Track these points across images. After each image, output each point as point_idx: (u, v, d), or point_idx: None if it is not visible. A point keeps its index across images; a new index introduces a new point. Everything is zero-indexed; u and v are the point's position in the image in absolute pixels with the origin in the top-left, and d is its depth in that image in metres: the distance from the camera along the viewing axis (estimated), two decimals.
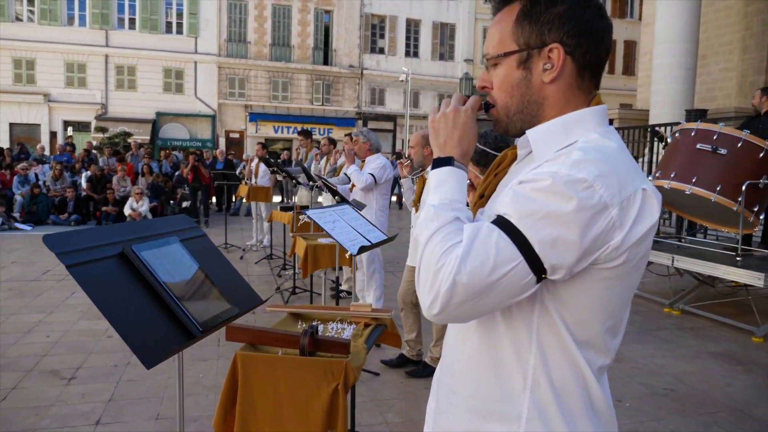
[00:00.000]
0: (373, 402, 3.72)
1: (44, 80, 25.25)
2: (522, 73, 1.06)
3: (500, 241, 0.91)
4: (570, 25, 1.02)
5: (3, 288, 6.49)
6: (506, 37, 1.06)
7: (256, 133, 27.18)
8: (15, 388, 3.75)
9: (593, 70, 1.06)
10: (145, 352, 1.18)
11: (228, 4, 26.77)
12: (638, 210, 0.95)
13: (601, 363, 1.04)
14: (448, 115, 1.09)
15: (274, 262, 8.38)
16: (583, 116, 1.05)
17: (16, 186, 12.83)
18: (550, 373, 1.01)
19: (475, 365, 1.07)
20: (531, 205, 0.92)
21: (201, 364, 4.25)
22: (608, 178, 0.92)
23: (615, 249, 0.94)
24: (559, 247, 0.91)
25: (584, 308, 0.99)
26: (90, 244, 1.23)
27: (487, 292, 0.91)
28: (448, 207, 0.99)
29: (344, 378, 1.75)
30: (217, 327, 1.43)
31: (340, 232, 2.91)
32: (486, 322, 1.05)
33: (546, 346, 1.01)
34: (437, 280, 0.92)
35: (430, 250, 0.94)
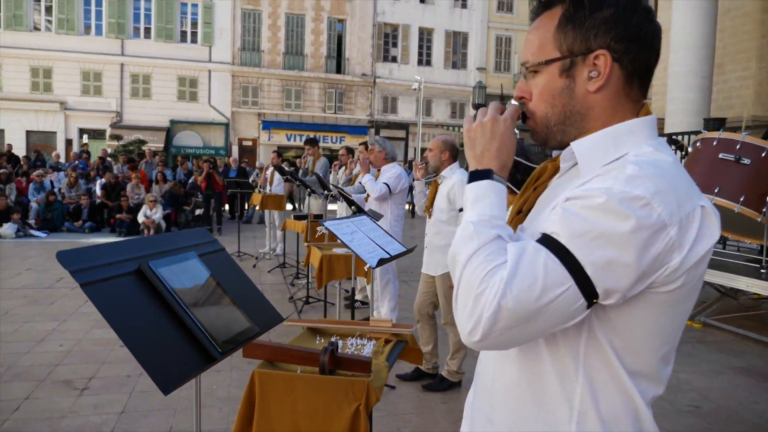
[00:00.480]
0: (390, 416, 3.64)
1: (61, 88, 25.53)
2: (565, 82, 0.99)
3: (549, 263, 0.84)
4: (618, 29, 0.95)
5: (18, 295, 6.49)
6: (547, 44, 0.99)
7: (269, 141, 27.27)
8: (28, 399, 3.72)
9: (642, 78, 0.99)
10: (162, 378, 1.12)
11: (242, 13, 26.97)
12: (698, 229, 0.87)
13: (653, 393, 0.96)
14: (485, 125, 1.02)
15: (287, 270, 8.34)
16: (632, 127, 0.98)
17: (31, 193, 12.92)
18: (598, 405, 0.93)
19: (515, 394, 1.00)
20: (583, 224, 0.85)
21: (214, 375, 4.19)
22: (666, 195, 0.85)
23: (673, 271, 0.86)
24: (613, 269, 0.83)
25: (637, 335, 0.92)
26: (105, 261, 1.17)
27: (534, 317, 0.84)
28: (488, 224, 0.92)
29: (366, 398, 1.68)
30: (237, 347, 1.37)
31: (358, 244, 2.85)
32: (527, 348, 0.98)
33: (594, 374, 0.93)
34: (479, 304, 0.84)
35: (471, 271, 0.87)
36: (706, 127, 8.24)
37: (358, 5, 28.37)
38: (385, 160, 5.37)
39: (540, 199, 1.08)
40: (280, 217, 9.36)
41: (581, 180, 0.95)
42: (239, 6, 26.89)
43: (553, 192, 1.05)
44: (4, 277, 7.53)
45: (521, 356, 0.99)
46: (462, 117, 29.78)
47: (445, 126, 29.35)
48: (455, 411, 3.77)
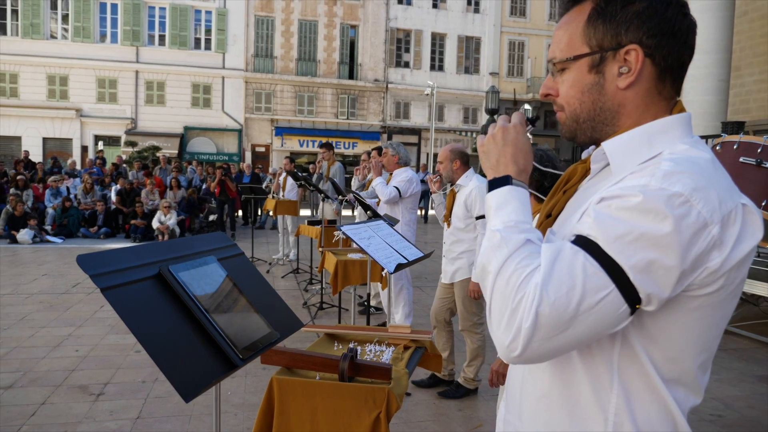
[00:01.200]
0: (405, 423, 3.59)
1: (77, 96, 25.83)
2: (594, 78, 0.95)
3: (588, 266, 0.80)
4: (650, 24, 0.91)
5: (34, 301, 6.53)
6: (576, 39, 0.96)
7: (282, 146, 27.38)
8: (44, 404, 3.72)
9: (675, 75, 0.95)
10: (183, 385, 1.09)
11: (255, 19, 27.14)
12: (740, 228, 0.83)
13: (692, 403, 0.92)
14: (496, 135, 1.00)
15: (300, 276, 8.32)
16: (666, 125, 0.93)
17: (48, 199, 13.06)
18: (634, 416, 0.89)
19: (547, 405, 0.96)
20: (620, 225, 0.80)
21: (229, 381, 4.17)
22: (706, 192, 0.81)
23: (713, 273, 0.82)
24: (655, 272, 0.79)
25: (674, 342, 0.87)
26: (125, 265, 1.15)
27: (575, 325, 0.80)
28: (515, 229, 0.88)
29: (387, 406, 1.64)
30: (258, 354, 1.34)
31: (375, 248, 2.81)
32: (560, 357, 0.93)
33: (629, 384, 0.89)
34: (517, 314, 0.80)
35: (504, 281, 0.83)
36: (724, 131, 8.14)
37: (371, 11, 28.46)
38: (398, 164, 5.34)
39: (570, 202, 1.04)
40: (293, 222, 9.37)
41: (614, 180, 0.91)
42: (252, 13, 27.08)
43: (584, 194, 1.01)
44: (20, 282, 7.59)
45: (552, 366, 0.95)
46: (475, 122, 29.74)
47: (458, 131, 29.31)
48: (471, 418, 3.72)
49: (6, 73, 25.21)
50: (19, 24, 25.24)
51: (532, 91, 30.29)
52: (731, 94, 12.82)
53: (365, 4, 28.40)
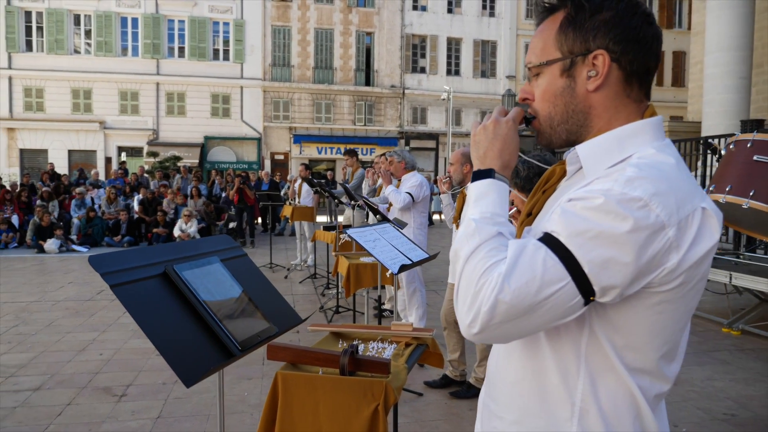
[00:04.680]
0: (417, 423, 3.67)
1: (100, 108, 26.43)
2: (565, 82, 1.02)
3: (548, 260, 0.87)
4: (616, 31, 0.98)
5: (61, 307, 6.75)
6: (549, 45, 1.03)
7: (300, 154, 27.65)
8: (70, 404, 3.87)
9: (641, 79, 1.01)
10: (185, 371, 1.20)
11: (272, 29, 27.51)
12: (697, 230, 0.89)
13: (657, 391, 0.98)
14: (488, 127, 1.06)
15: (318, 281, 8.44)
16: (636, 129, 1.00)
17: (73, 209, 13.41)
18: (599, 402, 0.96)
19: (519, 391, 1.03)
20: (582, 223, 0.87)
21: (246, 382, 4.30)
22: (665, 197, 0.87)
23: (671, 272, 0.89)
24: (611, 268, 0.86)
25: (636, 334, 0.94)
26: (134, 265, 1.27)
27: (531, 312, 0.87)
28: (489, 221, 0.96)
29: (384, 398, 1.73)
30: (257, 346, 1.44)
31: (380, 250, 2.90)
32: (531, 346, 1.01)
33: (595, 372, 0.96)
34: (478, 298, 0.88)
35: (472, 267, 0.91)
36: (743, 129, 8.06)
37: (386, 18, 28.66)
38: (405, 170, 5.43)
39: (548, 201, 1.11)
40: (309, 228, 9.50)
41: (586, 181, 0.98)
42: (269, 23, 27.45)
43: (560, 194, 1.07)
44: (48, 290, 7.83)
45: (524, 353, 1.02)
46: None
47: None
48: None
49: (32, 88, 25.91)
50: (44, 40, 25.95)
51: None
52: (754, 91, 12.62)
53: (380, 12, 28.61)
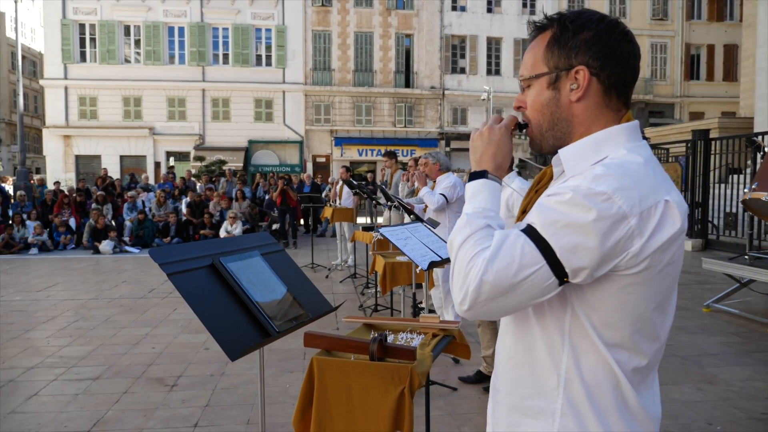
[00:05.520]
0: (451, 416, 3.80)
1: (149, 115, 27.47)
2: (551, 93, 1.16)
3: (525, 246, 1.01)
4: (595, 49, 1.11)
5: (116, 305, 7.15)
6: (538, 61, 1.17)
7: (341, 156, 28.03)
8: (126, 393, 4.17)
9: (619, 91, 1.14)
10: (229, 347, 1.39)
11: (313, 34, 28.01)
12: (659, 220, 1.01)
13: (635, 365, 1.09)
14: (483, 133, 1.22)
15: (357, 280, 8.64)
16: (611, 134, 1.13)
17: (125, 212, 14.04)
18: (581, 373, 1.08)
19: (513, 365, 1.17)
20: (554, 215, 1.01)
21: (288, 375, 4.51)
22: (628, 191, 1.00)
23: (635, 256, 1.01)
24: (579, 252, 1.00)
25: (609, 312, 1.06)
26: (186, 257, 1.46)
27: (512, 291, 1.02)
28: (480, 215, 1.11)
29: (410, 382, 1.88)
30: (292, 329, 1.63)
31: (411, 248, 3.06)
32: (522, 326, 1.15)
33: (577, 347, 1.09)
34: (467, 279, 1.03)
35: (463, 254, 1.07)
36: None
37: (425, 19, 28.77)
38: (440, 171, 5.56)
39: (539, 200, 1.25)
40: (349, 229, 9.72)
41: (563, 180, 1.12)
42: (310, 28, 27.96)
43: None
44: (103, 288, 8.28)
45: (516, 332, 1.17)
46: None
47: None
48: None
49: (86, 96, 27.13)
50: (96, 51, 27.14)
51: None
52: None
53: (419, 13, 28.74)
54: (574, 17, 1.14)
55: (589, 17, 1.13)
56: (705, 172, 12.20)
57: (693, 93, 30.88)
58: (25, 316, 6.63)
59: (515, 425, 1.16)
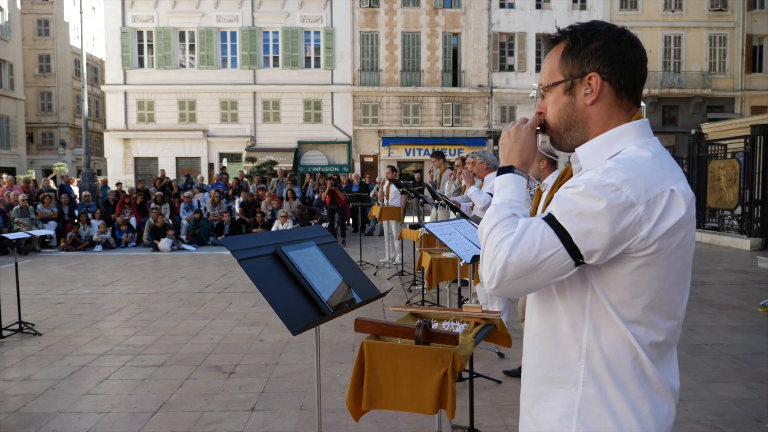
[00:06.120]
0: (495, 406, 3.91)
1: (203, 118, 28.41)
2: (568, 98, 1.29)
3: (545, 232, 1.16)
4: (605, 57, 1.24)
5: (175, 299, 7.55)
6: (554, 70, 1.31)
7: (389, 156, 28.25)
8: (188, 379, 4.46)
9: (629, 92, 1.27)
10: (291, 323, 1.57)
11: (360, 36, 28.34)
12: (665, 207, 1.14)
13: (652, 339, 1.21)
14: (510, 132, 1.37)
15: (405, 278, 8.80)
16: (622, 131, 1.26)
17: (182, 212, 14.64)
18: (601, 345, 1.21)
19: (539, 340, 1.31)
20: (569, 204, 1.15)
21: (338, 366, 4.72)
22: (635, 182, 1.13)
23: (644, 240, 1.13)
24: (591, 237, 1.13)
25: (625, 290, 1.19)
26: (253, 245, 1.66)
27: (534, 271, 1.16)
28: (507, 205, 1.26)
29: (452, 364, 2.03)
30: (344, 311, 1.80)
31: (455, 242, 3.19)
32: (547, 306, 1.29)
33: (597, 323, 1.21)
34: (494, 261, 1.18)
35: (491, 239, 1.21)
36: None
37: (473, 17, 28.67)
38: (488, 170, 5.64)
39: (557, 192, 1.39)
40: (396, 227, 9.89)
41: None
42: (357, 29, 28.30)
43: None
44: (163, 283, 8.73)
45: (541, 311, 1.31)
46: None
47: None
48: None
49: (144, 101, 28.30)
50: (154, 57, 28.26)
51: (647, 87, 28.86)
52: None
53: (467, 12, 28.66)
54: (584, 29, 1.27)
55: (597, 29, 1.27)
56: (765, 169, 11.79)
57: (755, 86, 29.62)
58: (93, 308, 7.09)
59: (542, 394, 1.29)
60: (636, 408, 1.21)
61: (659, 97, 29.28)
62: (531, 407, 1.32)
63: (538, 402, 1.31)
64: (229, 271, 9.86)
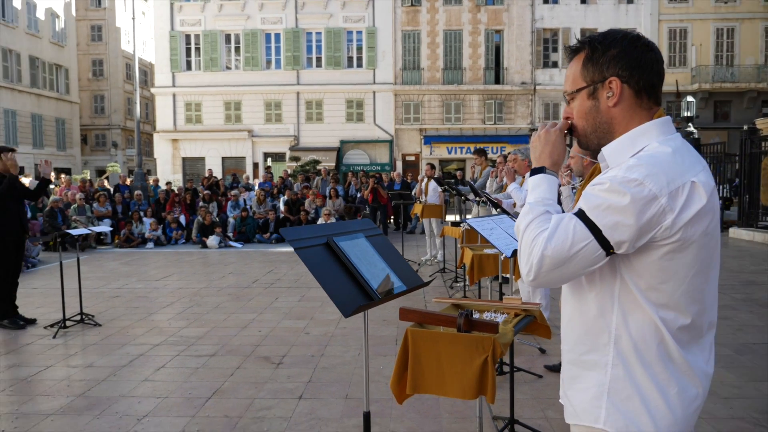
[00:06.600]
0: (536, 399, 3.97)
1: (248, 118, 29.09)
2: (592, 103, 1.39)
3: (577, 226, 1.26)
4: (623, 62, 1.34)
5: (224, 293, 7.84)
6: (577, 77, 1.41)
7: (431, 154, 28.29)
8: (238, 368, 4.68)
9: (649, 92, 1.36)
10: (342, 306, 1.71)
11: (402, 35, 28.46)
12: (686, 197, 1.23)
13: (680, 323, 1.29)
14: (541, 136, 1.48)
15: (446, 275, 8.88)
16: (644, 129, 1.35)
17: (229, 210, 15.08)
18: (629, 330, 1.30)
19: (571, 326, 1.42)
20: (597, 200, 1.25)
21: (381, 359, 4.85)
22: (657, 176, 1.22)
23: (668, 228, 1.22)
24: (619, 229, 1.23)
25: (653, 276, 1.28)
26: (307, 236, 1.81)
27: (568, 262, 1.26)
28: (540, 203, 1.37)
29: (492, 351, 2.12)
30: (390, 298, 1.93)
31: (496, 237, 3.27)
32: (578, 295, 1.38)
33: (626, 308, 1.31)
34: (531, 255, 1.29)
35: (527, 235, 1.32)
36: None
37: (516, 14, 28.41)
38: (529, 167, 5.66)
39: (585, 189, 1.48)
40: (437, 225, 9.97)
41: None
42: (399, 28, 28.43)
43: None
44: (212, 279, 9.06)
45: (574, 299, 1.41)
46: None
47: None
48: None
49: (192, 102, 29.16)
50: (201, 60, 29.08)
51: (697, 81, 28.01)
52: None
53: (509, 8, 28.42)
54: (602, 38, 1.38)
55: (614, 36, 1.37)
56: None
57: None
58: (147, 301, 7.44)
59: (575, 377, 1.39)
60: (663, 388, 1.29)
61: (711, 92, 28.37)
62: (567, 389, 1.42)
63: (573, 384, 1.41)
64: (274, 267, 10.14)
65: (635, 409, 1.30)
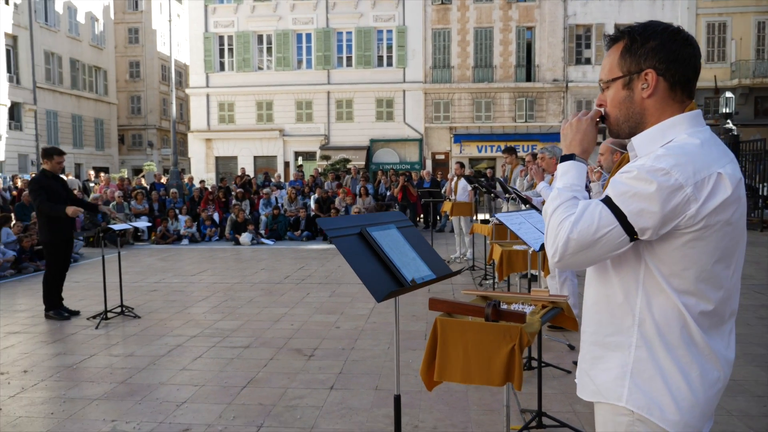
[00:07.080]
0: (564, 394, 4.00)
1: (279, 118, 29.44)
2: (626, 93, 1.43)
3: (603, 212, 1.31)
4: (661, 55, 1.38)
5: (257, 288, 8.02)
6: (614, 67, 1.45)
7: (461, 153, 28.17)
8: (272, 360, 4.82)
9: (683, 86, 1.40)
10: (375, 290, 1.80)
11: (432, 33, 28.43)
12: (712, 188, 1.27)
13: (702, 308, 1.33)
14: (572, 123, 1.52)
15: (475, 273, 8.91)
16: (675, 122, 1.39)
17: (261, 208, 15.35)
18: (653, 313, 1.35)
19: (596, 309, 1.47)
20: (623, 187, 1.31)
21: (411, 352, 4.93)
22: (684, 166, 1.27)
23: (692, 217, 1.27)
24: (644, 215, 1.28)
25: (675, 263, 1.32)
26: (342, 226, 1.91)
27: (592, 246, 1.32)
28: (569, 189, 1.42)
29: (519, 340, 2.18)
30: (420, 286, 2.01)
31: (525, 231, 3.31)
32: (603, 278, 1.44)
33: (650, 292, 1.36)
34: (557, 237, 1.35)
35: (554, 218, 1.38)
36: None
37: (548, 10, 28.09)
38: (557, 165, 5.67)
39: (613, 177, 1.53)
40: (466, 223, 10.00)
41: None
42: (429, 27, 28.40)
43: None
44: (245, 274, 9.27)
45: (598, 283, 1.46)
46: None
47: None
48: None
49: (225, 102, 29.66)
50: (234, 60, 29.56)
51: (737, 76, 27.24)
52: None
53: (541, 5, 28.12)
54: (642, 29, 1.41)
55: (654, 29, 1.40)
56: None
57: None
58: (183, 295, 7.66)
59: (599, 357, 1.44)
60: (684, 370, 1.34)
61: (751, 88, 27.57)
62: (590, 369, 1.48)
63: (596, 365, 1.46)
64: (305, 263, 10.31)
65: (657, 390, 1.35)
